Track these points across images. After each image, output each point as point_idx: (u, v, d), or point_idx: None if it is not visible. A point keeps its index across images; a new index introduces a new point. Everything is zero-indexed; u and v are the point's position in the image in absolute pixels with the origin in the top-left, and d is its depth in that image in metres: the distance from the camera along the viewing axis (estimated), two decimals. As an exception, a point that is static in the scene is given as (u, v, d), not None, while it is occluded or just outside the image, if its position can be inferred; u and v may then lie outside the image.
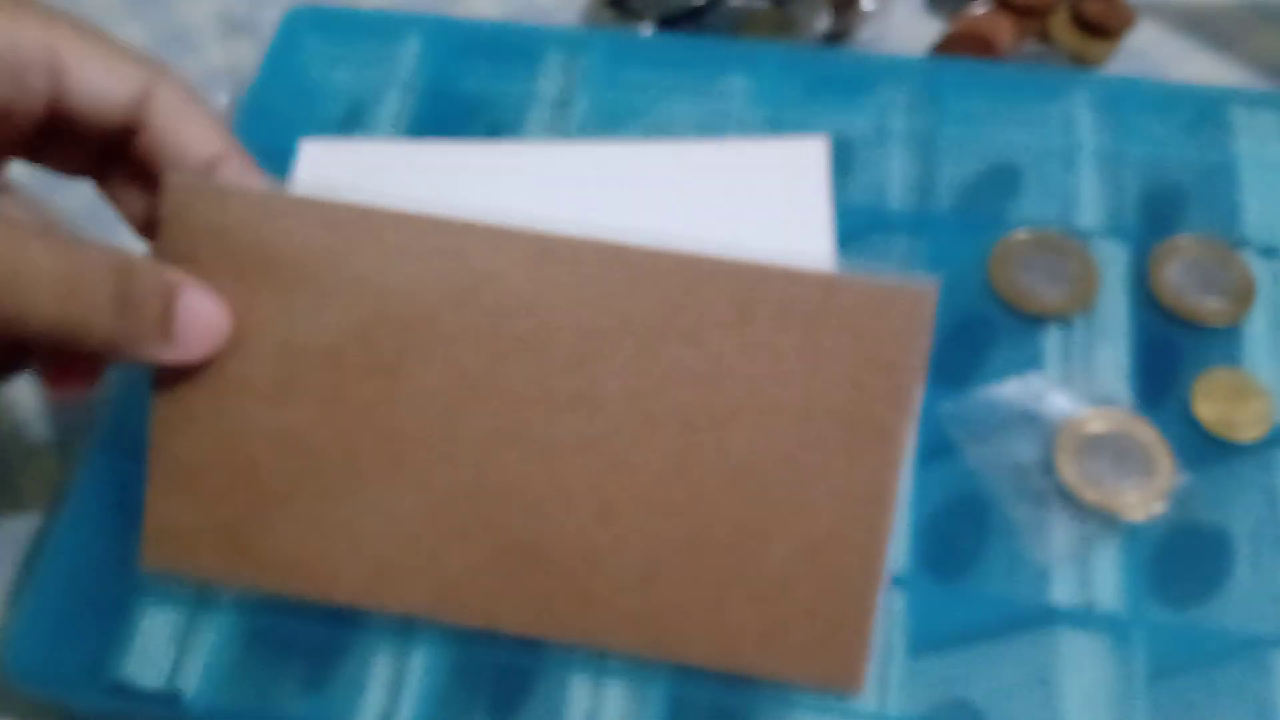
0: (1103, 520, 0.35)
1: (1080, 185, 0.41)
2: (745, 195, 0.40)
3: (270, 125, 0.43)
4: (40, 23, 0.28)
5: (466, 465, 0.29)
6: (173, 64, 0.50)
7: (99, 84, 0.29)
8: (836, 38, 0.48)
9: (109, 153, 0.31)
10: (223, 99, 0.48)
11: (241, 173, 0.31)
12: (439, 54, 0.45)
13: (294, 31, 0.45)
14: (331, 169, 0.41)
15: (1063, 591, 0.34)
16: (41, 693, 0.34)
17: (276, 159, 0.42)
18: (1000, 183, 0.42)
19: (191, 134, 0.30)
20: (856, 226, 0.40)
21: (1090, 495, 0.35)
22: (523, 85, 0.45)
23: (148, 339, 0.28)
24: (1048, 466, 0.36)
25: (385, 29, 0.46)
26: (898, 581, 0.34)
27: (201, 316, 0.29)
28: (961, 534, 0.35)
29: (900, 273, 0.28)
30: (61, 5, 0.54)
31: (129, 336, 0.28)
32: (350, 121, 0.45)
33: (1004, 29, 0.47)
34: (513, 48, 0.45)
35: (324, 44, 0.46)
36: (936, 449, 0.36)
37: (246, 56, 0.50)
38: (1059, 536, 0.35)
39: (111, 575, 0.35)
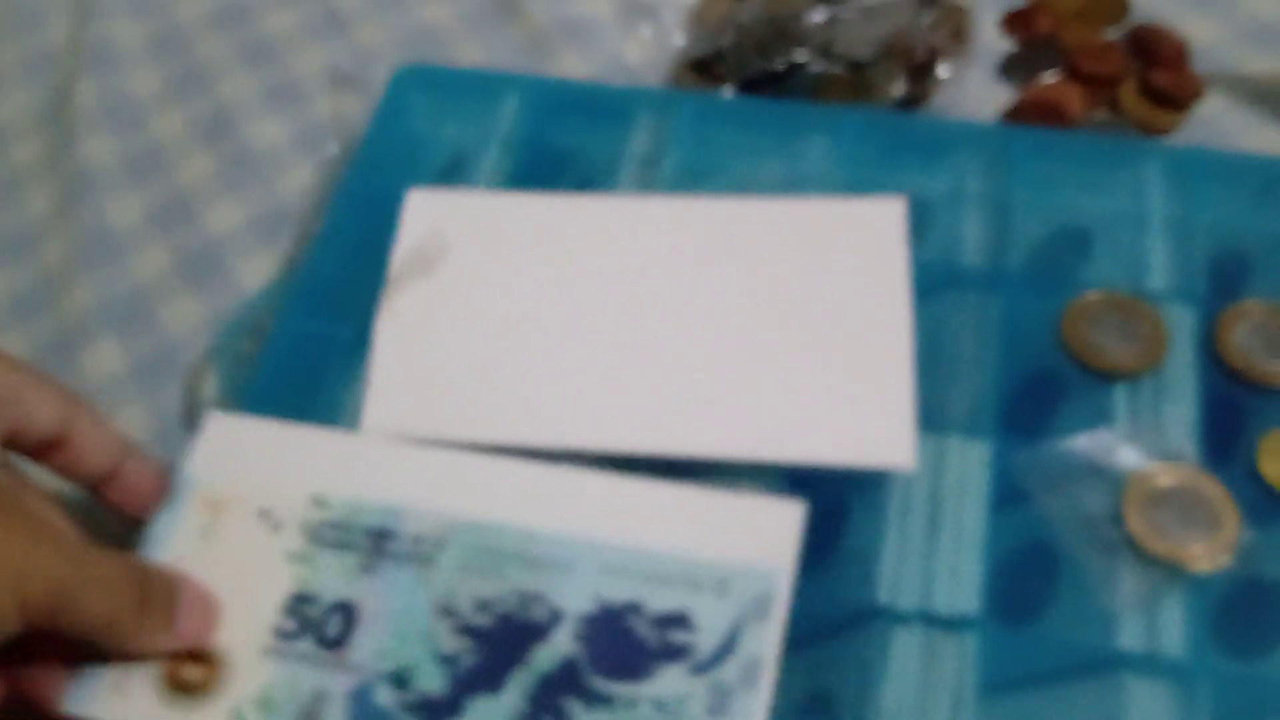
0: (1169, 571, 0.36)
1: (1150, 250, 0.43)
2: (825, 252, 0.42)
3: (378, 174, 0.46)
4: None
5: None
6: (283, 114, 0.54)
7: (37, 412, 0.35)
8: (911, 103, 0.50)
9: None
10: (333, 148, 0.51)
11: (139, 474, 0.37)
12: (536, 112, 0.48)
13: (402, 89, 0.48)
14: (436, 218, 0.44)
15: (1130, 639, 0.35)
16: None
17: (384, 206, 0.44)
18: (1070, 245, 0.44)
19: (104, 447, 0.37)
20: (931, 284, 0.42)
21: (1157, 546, 0.36)
22: (614, 143, 0.47)
23: (155, 632, 0.34)
24: (1116, 518, 0.37)
25: (486, 88, 0.49)
26: (969, 624, 0.36)
27: (197, 608, 0.35)
28: (1032, 580, 0.37)
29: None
30: (178, 44, 0.58)
31: (141, 631, 0.33)
32: (452, 173, 0.48)
33: (1074, 98, 0.49)
34: (605, 108, 0.48)
35: (429, 101, 0.49)
36: (1009, 498, 0.38)
37: (353, 109, 0.53)
38: (1127, 585, 0.36)
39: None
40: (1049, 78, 0.50)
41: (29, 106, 0.57)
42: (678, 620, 0.33)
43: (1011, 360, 0.40)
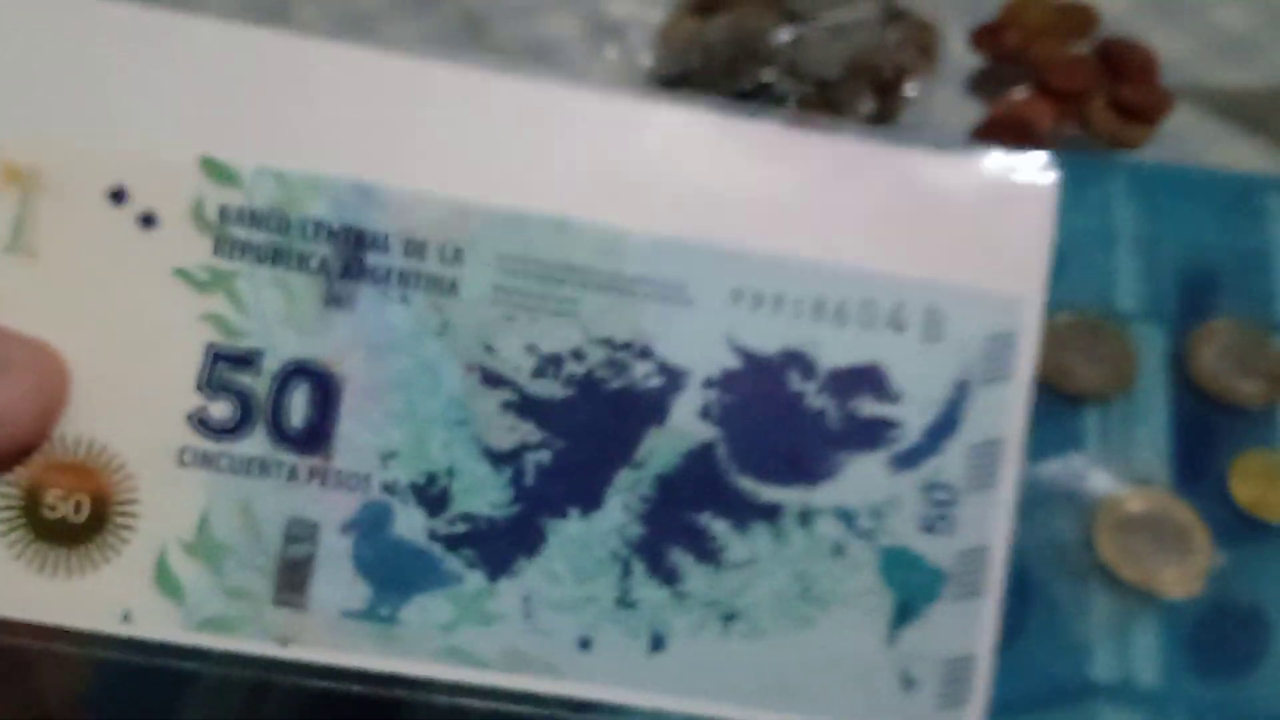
0: (1141, 597, 0.36)
1: (1118, 268, 0.42)
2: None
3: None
4: None
5: None
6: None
7: None
8: (879, 121, 0.49)
9: None
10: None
11: None
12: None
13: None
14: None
15: (1103, 667, 0.35)
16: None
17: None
18: (1040, 265, 0.43)
19: None
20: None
21: (1129, 573, 0.36)
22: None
23: None
24: (1088, 544, 0.37)
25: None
26: (940, 654, 0.35)
27: (11, 363, 0.20)
28: (1004, 608, 0.36)
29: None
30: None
31: None
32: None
33: (1043, 113, 0.48)
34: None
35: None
36: (978, 525, 0.37)
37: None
38: (1099, 612, 0.36)
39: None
40: (1018, 93, 0.50)
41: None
42: (867, 379, 0.21)
43: (981, 384, 0.40)
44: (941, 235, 0.21)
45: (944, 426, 0.21)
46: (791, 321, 0.21)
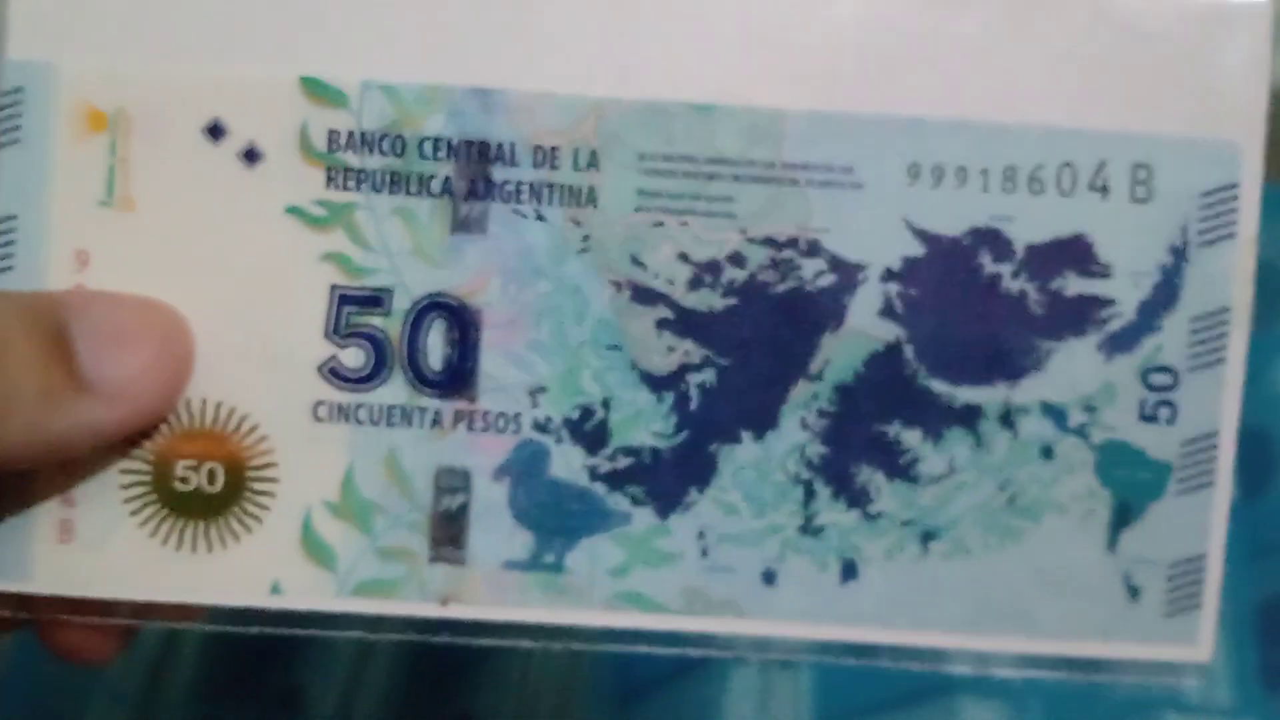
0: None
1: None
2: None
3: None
4: None
5: None
6: None
7: None
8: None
9: None
10: None
11: None
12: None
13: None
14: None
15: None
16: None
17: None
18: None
19: None
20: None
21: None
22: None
23: (42, 405, 0.17)
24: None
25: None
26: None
27: (128, 337, 0.18)
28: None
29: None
30: None
31: (10, 414, 0.17)
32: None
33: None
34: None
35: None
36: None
37: None
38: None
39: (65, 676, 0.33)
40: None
41: None
42: (1071, 253, 0.19)
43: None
44: (1142, 78, 0.19)
45: (1161, 300, 0.19)
46: (978, 196, 0.19)
